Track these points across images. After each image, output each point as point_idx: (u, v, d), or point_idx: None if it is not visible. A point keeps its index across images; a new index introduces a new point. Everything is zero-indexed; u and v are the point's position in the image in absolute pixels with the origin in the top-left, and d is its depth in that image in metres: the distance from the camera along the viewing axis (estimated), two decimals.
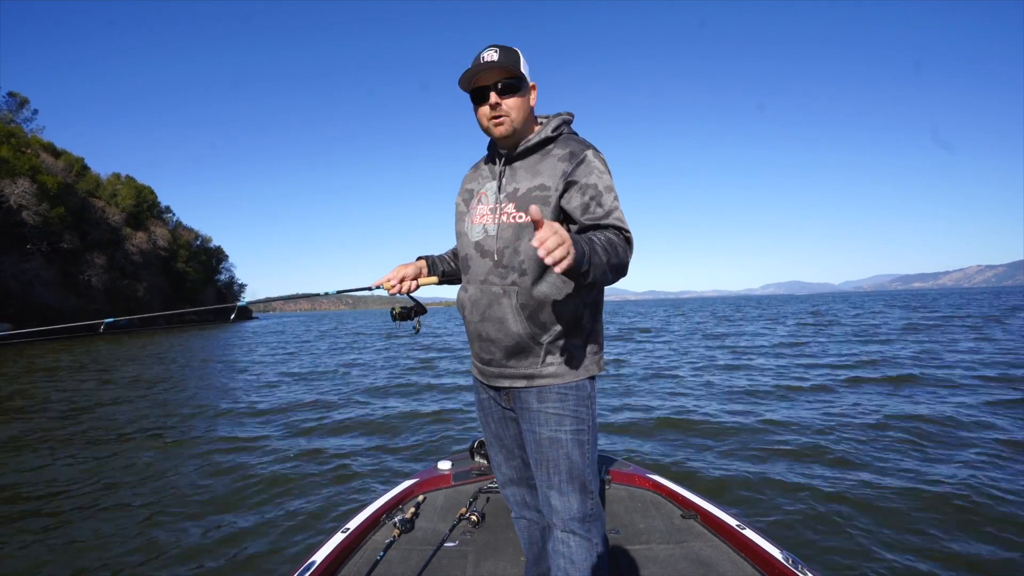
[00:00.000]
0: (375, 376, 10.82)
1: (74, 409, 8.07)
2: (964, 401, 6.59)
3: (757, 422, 6.09)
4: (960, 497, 3.71)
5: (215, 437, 5.94)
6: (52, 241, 43.61)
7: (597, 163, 1.38)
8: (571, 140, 1.44)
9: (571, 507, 1.41)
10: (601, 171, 1.37)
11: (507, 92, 1.38)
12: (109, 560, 3.10)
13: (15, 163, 40.81)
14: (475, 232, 1.46)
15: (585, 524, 1.42)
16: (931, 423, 5.77)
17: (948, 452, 4.76)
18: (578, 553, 1.41)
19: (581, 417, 1.41)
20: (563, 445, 1.39)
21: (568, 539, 1.42)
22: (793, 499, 3.79)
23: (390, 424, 6.36)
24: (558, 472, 1.41)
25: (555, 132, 1.45)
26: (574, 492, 1.41)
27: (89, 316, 47.27)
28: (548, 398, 1.39)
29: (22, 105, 54.76)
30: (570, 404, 1.40)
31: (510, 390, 1.46)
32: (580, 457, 1.40)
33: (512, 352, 1.40)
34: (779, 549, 1.91)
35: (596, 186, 1.34)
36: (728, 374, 9.78)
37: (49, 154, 49.94)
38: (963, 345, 12.76)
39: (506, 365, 1.43)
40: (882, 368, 9.60)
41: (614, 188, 1.38)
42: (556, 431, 1.40)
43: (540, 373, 1.39)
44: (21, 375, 13.27)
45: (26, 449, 5.74)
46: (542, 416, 1.41)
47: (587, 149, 1.40)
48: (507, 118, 1.39)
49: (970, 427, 5.43)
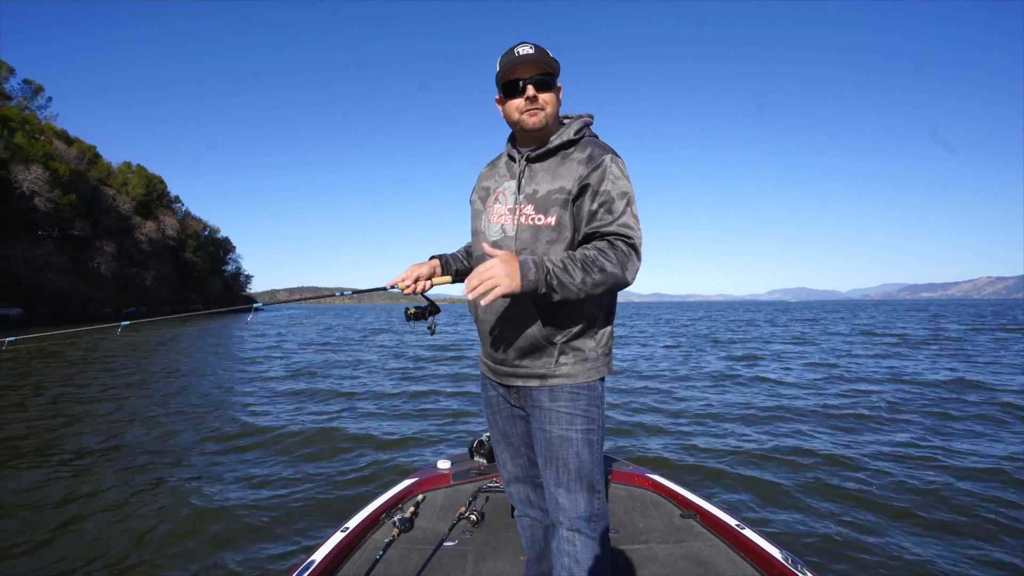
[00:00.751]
0: (375, 375, 10.81)
1: (65, 399, 8.15)
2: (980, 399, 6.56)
3: (758, 422, 6.09)
4: (961, 497, 3.71)
5: (213, 434, 5.90)
6: (63, 228, 44.00)
7: (614, 169, 1.38)
8: (592, 144, 1.44)
9: (579, 506, 1.42)
10: (617, 177, 1.37)
11: (541, 87, 1.40)
12: (109, 559, 3.05)
13: (29, 149, 41.19)
14: (492, 231, 1.47)
15: (592, 523, 1.43)
16: (932, 421, 5.78)
17: (950, 452, 4.74)
18: (583, 552, 1.42)
19: (592, 417, 1.43)
20: (573, 444, 1.41)
21: (574, 538, 1.43)
22: (793, 499, 3.80)
23: (390, 423, 6.34)
24: (567, 471, 1.42)
25: (577, 135, 1.45)
26: (582, 491, 1.42)
27: (98, 304, 47.70)
28: (560, 397, 1.41)
29: (37, 92, 55.29)
30: (582, 404, 1.41)
31: (521, 389, 1.47)
32: (589, 456, 1.42)
33: (526, 352, 1.42)
34: (778, 549, 1.92)
35: (609, 192, 1.35)
36: (730, 373, 9.79)
37: (62, 141, 50.37)
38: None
39: (519, 365, 1.44)
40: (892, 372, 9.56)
41: (630, 195, 1.37)
42: (567, 430, 1.41)
43: (554, 373, 1.41)
44: (37, 364, 13.42)
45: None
46: (554, 415, 1.42)
47: (606, 154, 1.39)
48: (542, 111, 1.41)
49: (974, 434, 5.40)
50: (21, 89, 53.82)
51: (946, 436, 5.43)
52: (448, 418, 6.64)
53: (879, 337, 19.19)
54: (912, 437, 5.38)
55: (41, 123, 49.47)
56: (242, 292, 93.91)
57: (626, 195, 1.36)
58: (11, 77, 51.12)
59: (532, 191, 1.41)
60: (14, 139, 40.20)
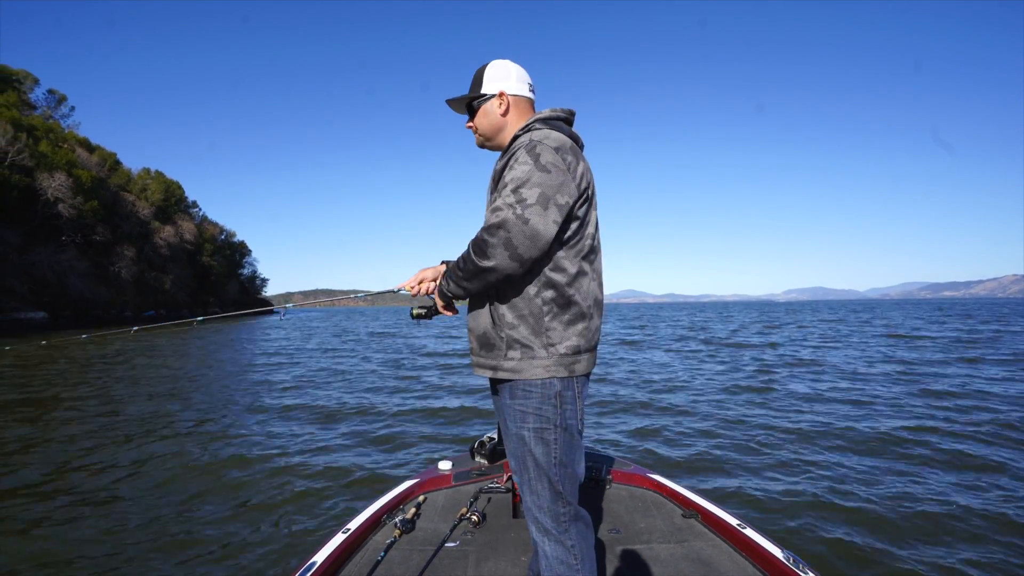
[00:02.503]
0: (376, 375, 10.86)
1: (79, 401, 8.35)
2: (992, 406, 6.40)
3: (759, 422, 6.04)
4: (962, 501, 3.65)
5: (214, 434, 5.94)
6: (86, 233, 45.10)
7: (521, 155, 1.35)
8: (522, 136, 1.44)
9: (541, 505, 1.42)
10: (522, 162, 1.33)
11: (472, 113, 1.61)
12: (106, 557, 3.06)
13: (53, 157, 42.34)
14: None
15: (560, 524, 1.42)
16: (935, 421, 5.67)
17: (953, 454, 4.68)
18: (553, 553, 1.42)
19: (546, 416, 1.40)
20: (526, 442, 1.42)
21: (543, 540, 1.43)
22: (794, 499, 3.78)
23: (391, 424, 6.36)
24: (526, 470, 1.43)
25: (523, 130, 1.47)
26: (544, 490, 1.42)
27: (119, 307, 48.78)
28: (515, 394, 1.42)
29: (60, 102, 56.78)
30: (533, 402, 1.40)
31: (492, 382, 1.52)
32: (545, 456, 1.40)
33: (482, 344, 1.47)
34: (780, 548, 1.91)
35: (505, 180, 1.36)
36: (732, 375, 9.69)
37: (84, 149, 51.64)
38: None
39: (478, 355, 1.49)
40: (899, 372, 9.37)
41: (528, 179, 1.31)
42: (520, 427, 1.42)
43: (501, 366, 1.42)
44: (87, 359, 13.76)
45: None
46: (509, 411, 1.45)
47: (524, 142, 1.39)
48: (476, 133, 1.62)
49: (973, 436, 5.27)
50: (45, 99, 55.34)
51: (959, 441, 5.31)
52: (449, 419, 6.66)
53: (917, 340, 18.80)
54: (918, 438, 5.28)
55: (64, 131, 50.82)
56: (258, 295, 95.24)
57: (519, 180, 1.32)
58: (36, 87, 52.57)
59: (492, 188, 1.53)
60: (39, 148, 41.35)
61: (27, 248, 38.71)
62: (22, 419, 6.81)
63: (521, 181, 1.31)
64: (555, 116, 1.52)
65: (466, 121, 1.63)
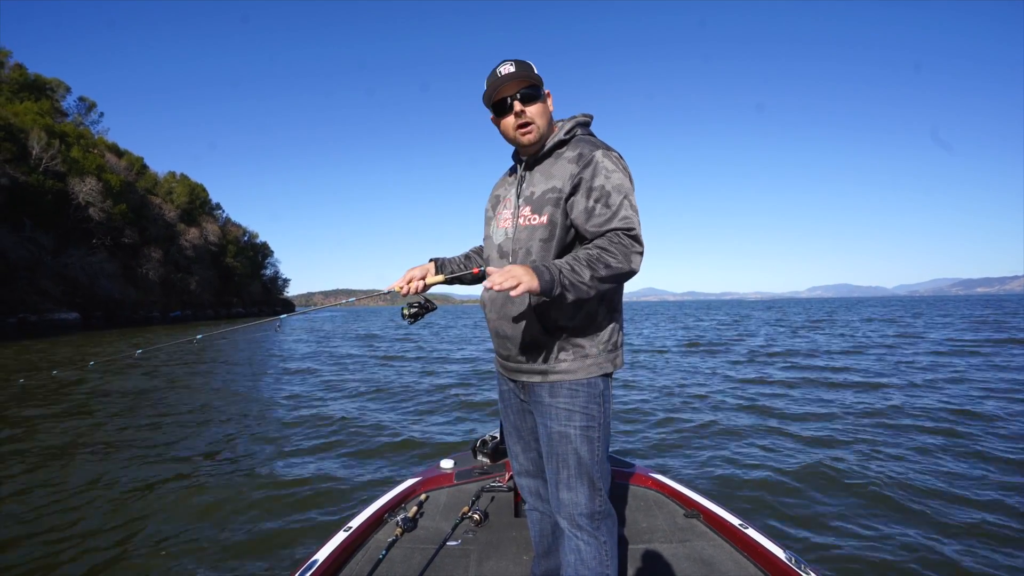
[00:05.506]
0: (377, 375, 10.86)
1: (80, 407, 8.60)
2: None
3: (760, 422, 5.95)
4: (969, 497, 3.58)
5: (216, 435, 5.93)
6: (115, 236, 46.71)
7: (606, 163, 1.39)
8: (583, 141, 1.47)
9: (579, 503, 1.44)
10: (610, 171, 1.38)
11: (528, 100, 1.45)
12: (107, 558, 3.06)
13: (84, 163, 43.94)
14: (498, 235, 1.56)
15: (594, 521, 1.45)
16: (935, 420, 5.52)
17: (957, 454, 4.53)
18: (587, 550, 1.44)
19: (591, 414, 1.43)
20: (571, 440, 1.43)
21: (578, 535, 1.45)
22: (796, 499, 3.73)
23: (392, 423, 6.33)
24: (567, 467, 1.44)
25: (568, 135, 1.49)
26: (582, 487, 1.43)
27: (147, 308, 50.28)
28: (559, 393, 1.43)
29: (90, 109, 58.81)
30: (580, 400, 1.43)
31: (527, 384, 1.51)
32: (589, 454, 1.43)
33: (526, 348, 1.46)
34: (782, 548, 1.89)
35: (603, 187, 1.37)
36: (734, 376, 9.51)
37: (113, 154, 53.37)
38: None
39: (521, 361, 1.48)
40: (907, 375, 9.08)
41: (626, 188, 1.37)
42: (566, 426, 1.43)
43: (553, 369, 1.43)
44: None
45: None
46: (553, 411, 1.44)
47: (596, 150, 1.42)
48: (533, 125, 1.46)
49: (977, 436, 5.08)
50: (76, 106, 57.35)
51: (953, 427, 5.13)
52: (451, 417, 6.64)
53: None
54: (929, 436, 5.12)
55: (95, 137, 52.61)
56: (280, 295, 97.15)
57: (621, 188, 1.36)
58: (67, 95, 54.50)
59: (529, 193, 1.48)
60: (71, 153, 42.91)
61: (60, 250, 40.21)
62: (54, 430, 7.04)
63: (628, 190, 1.38)
64: (587, 122, 1.57)
65: (513, 108, 1.43)
